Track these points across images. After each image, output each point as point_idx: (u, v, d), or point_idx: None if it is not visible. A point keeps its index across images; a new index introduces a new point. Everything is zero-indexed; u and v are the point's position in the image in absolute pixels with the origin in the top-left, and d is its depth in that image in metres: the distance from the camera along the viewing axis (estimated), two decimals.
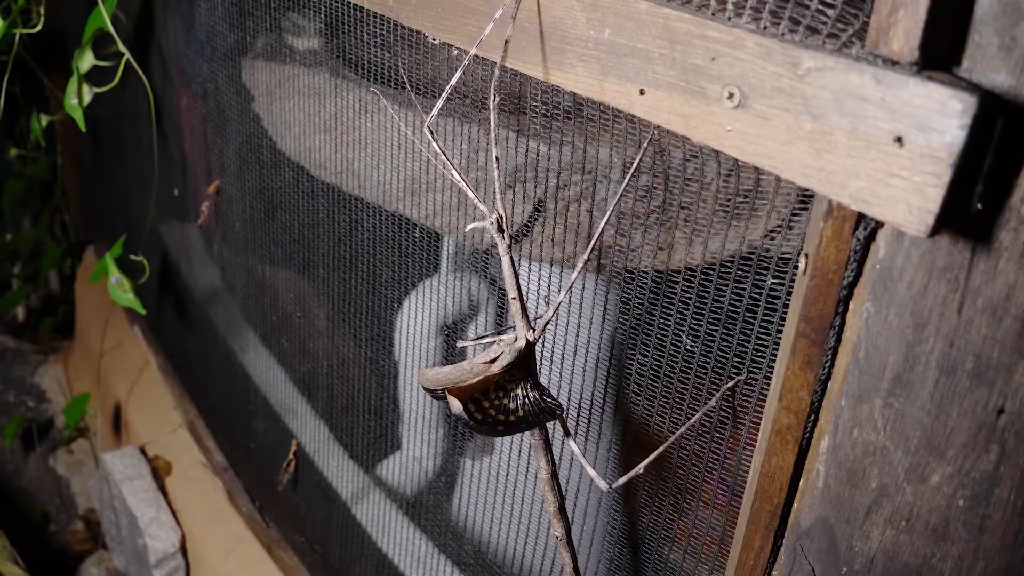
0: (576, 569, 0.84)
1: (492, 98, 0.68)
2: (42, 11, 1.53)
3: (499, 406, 0.70)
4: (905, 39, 0.46)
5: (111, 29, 1.30)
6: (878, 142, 0.46)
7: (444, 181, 0.93)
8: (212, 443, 1.99)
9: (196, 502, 1.96)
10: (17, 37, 1.54)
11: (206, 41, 1.36)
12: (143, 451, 2.10)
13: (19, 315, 2.81)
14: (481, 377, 0.69)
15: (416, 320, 1.07)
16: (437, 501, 1.24)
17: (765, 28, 0.53)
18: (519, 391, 0.71)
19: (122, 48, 1.33)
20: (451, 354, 1.08)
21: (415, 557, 1.26)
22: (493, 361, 0.70)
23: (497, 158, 0.68)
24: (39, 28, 1.53)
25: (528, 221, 0.85)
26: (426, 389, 0.71)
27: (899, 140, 0.45)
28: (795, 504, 0.66)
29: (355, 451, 1.38)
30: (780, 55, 0.50)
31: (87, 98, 1.34)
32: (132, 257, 1.58)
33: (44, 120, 1.76)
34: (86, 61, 1.35)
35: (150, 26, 1.62)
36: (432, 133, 0.71)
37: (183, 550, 1.94)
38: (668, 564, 0.86)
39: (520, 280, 0.72)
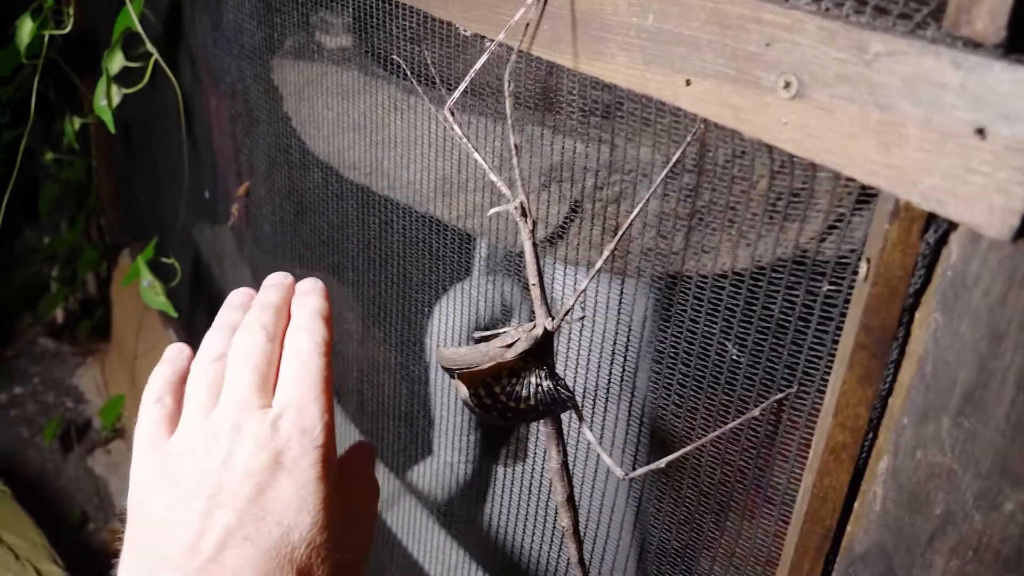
0: (581, 560, 0.80)
1: (507, 85, 0.65)
2: (72, 12, 1.50)
3: (510, 392, 0.66)
4: (990, 18, 0.41)
5: (139, 28, 1.28)
6: (956, 134, 0.42)
7: (477, 182, 0.89)
8: None
9: None
10: (47, 38, 1.52)
11: (234, 39, 1.33)
12: None
13: (58, 317, 2.82)
14: (493, 363, 0.65)
15: (448, 323, 1.04)
16: (469, 507, 1.21)
17: (827, 10, 0.48)
18: (532, 379, 0.67)
19: (150, 48, 1.30)
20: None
21: (446, 564, 1.23)
22: (509, 347, 0.67)
23: (517, 145, 0.65)
24: (69, 29, 1.51)
25: (564, 223, 0.81)
26: (443, 368, 0.68)
27: (980, 132, 0.41)
28: (849, 527, 0.62)
29: (385, 456, 1.35)
30: (844, 39, 0.46)
31: (116, 99, 1.31)
32: (163, 260, 1.55)
33: (76, 123, 1.74)
34: (116, 62, 1.32)
35: (179, 25, 1.59)
36: (453, 115, 0.67)
37: None
38: None
39: (542, 267, 0.68)
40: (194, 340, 1.66)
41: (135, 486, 0.62)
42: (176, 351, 0.69)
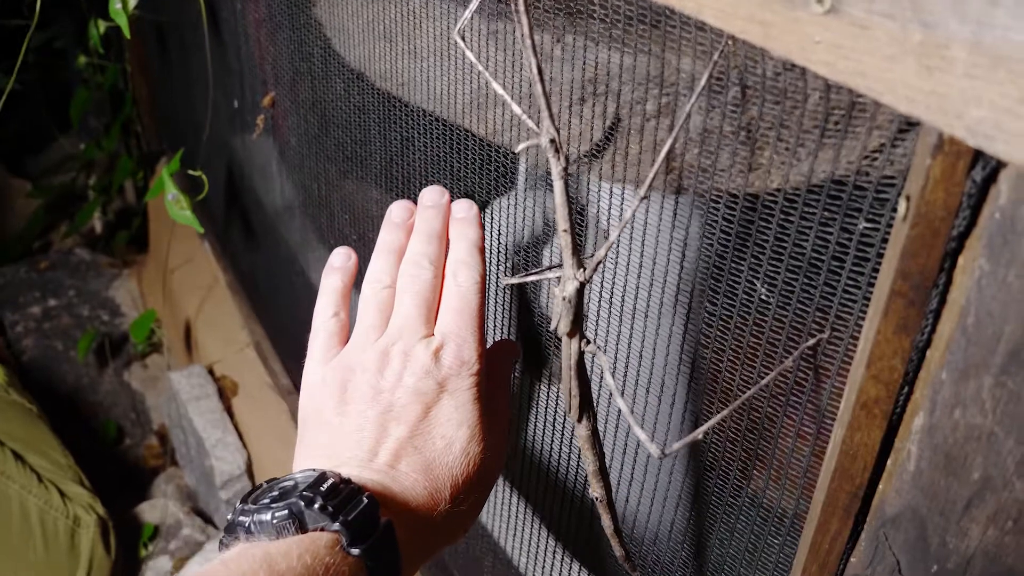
0: (618, 530, 0.77)
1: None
2: None
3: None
4: None
5: None
6: (1009, 58, 0.36)
7: (512, 96, 0.83)
8: (278, 365, 1.95)
9: (261, 424, 1.94)
10: None
11: None
12: (210, 371, 2.08)
13: (97, 227, 2.80)
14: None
15: (488, 240, 0.99)
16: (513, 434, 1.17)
17: None
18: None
19: None
20: (520, 270, 0.99)
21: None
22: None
23: (540, 68, 0.58)
24: None
25: (603, 138, 0.75)
26: None
27: None
28: (880, 486, 0.57)
29: None
30: None
31: (132, 2, 1.26)
32: (190, 172, 1.51)
33: (102, 26, 1.69)
34: None
35: None
36: (463, 40, 0.61)
37: (250, 472, 1.91)
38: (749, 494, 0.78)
39: (574, 210, 0.63)
40: (229, 254, 1.64)
41: (309, 391, 0.74)
42: (344, 258, 0.79)
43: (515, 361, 0.83)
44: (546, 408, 0.99)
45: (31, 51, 2.01)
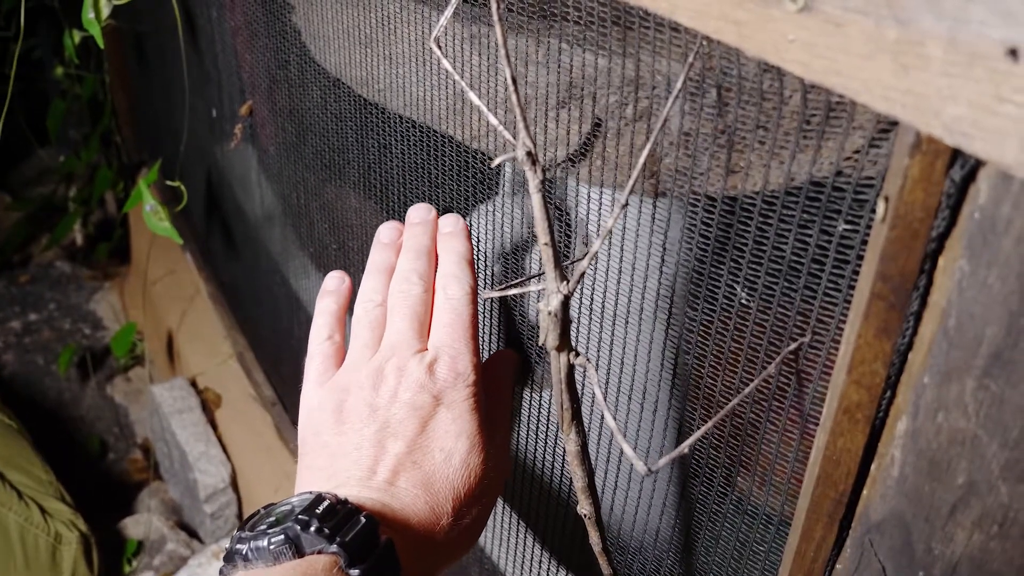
0: (606, 549, 0.76)
1: (494, 5, 0.56)
2: None
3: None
4: None
5: None
6: (985, 56, 0.35)
7: (492, 101, 0.82)
8: (261, 377, 1.94)
9: (245, 436, 1.93)
10: None
11: None
12: (193, 383, 2.07)
13: (78, 239, 2.78)
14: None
15: (476, 245, 0.98)
16: None
17: None
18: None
19: None
20: (504, 279, 0.98)
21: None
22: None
23: (515, 79, 0.57)
24: None
25: (585, 142, 0.74)
26: None
27: (1013, 53, 0.34)
28: (864, 491, 0.56)
29: None
30: None
31: (105, 12, 1.25)
32: (168, 183, 1.50)
33: (77, 36, 1.68)
34: None
35: None
36: (440, 47, 0.60)
37: (234, 485, 1.90)
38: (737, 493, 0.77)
39: (553, 223, 0.62)
40: (210, 264, 1.62)
41: (307, 413, 0.73)
42: (337, 281, 0.81)
43: (514, 370, 0.83)
44: (529, 415, 0.98)
45: (9, 62, 2.00)
